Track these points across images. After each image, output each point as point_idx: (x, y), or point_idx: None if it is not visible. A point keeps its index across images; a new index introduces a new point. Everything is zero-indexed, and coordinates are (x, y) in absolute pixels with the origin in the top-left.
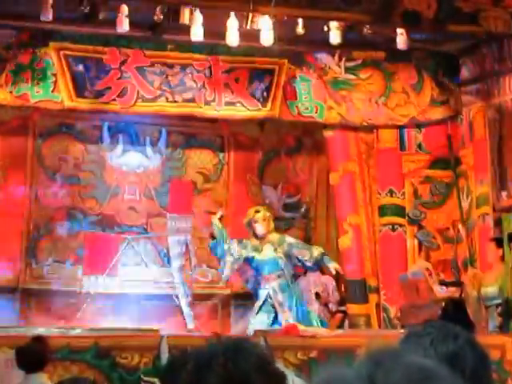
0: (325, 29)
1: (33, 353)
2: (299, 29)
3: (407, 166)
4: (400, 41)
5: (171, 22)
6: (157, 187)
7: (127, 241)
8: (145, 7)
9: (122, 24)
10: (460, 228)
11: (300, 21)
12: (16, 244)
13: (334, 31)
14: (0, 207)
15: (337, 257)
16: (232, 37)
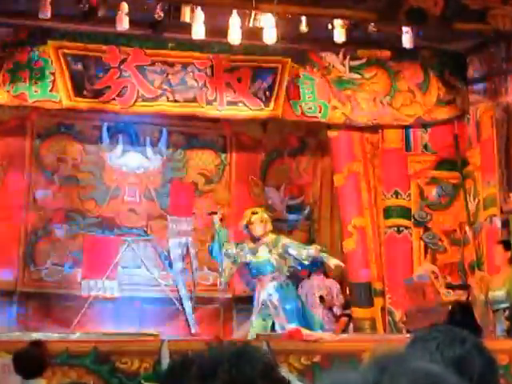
0: (329, 27)
1: (31, 358)
2: (303, 27)
3: (413, 167)
4: (406, 39)
5: (172, 20)
6: (157, 188)
7: (127, 243)
8: (145, 5)
9: (122, 22)
10: (467, 230)
11: (303, 18)
12: (14, 247)
13: (339, 29)
14: None
15: (341, 260)
16: (234, 35)
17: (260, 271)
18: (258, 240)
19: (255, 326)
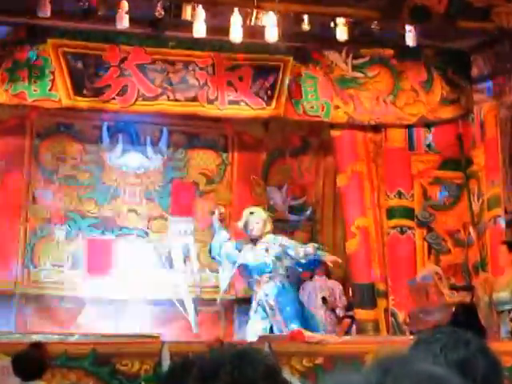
0: (331, 25)
1: (30, 360)
2: (305, 25)
3: (416, 167)
4: (409, 37)
5: (173, 18)
6: (158, 189)
7: (127, 244)
8: (145, 3)
9: (122, 20)
10: (471, 231)
11: (305, 17)
12: (13, 247)
13: (341, 27)
14: None
15: (344, 260)
16: (235, 33)
17: (257, 272)
18: (256, 240)
19: (252, 327)
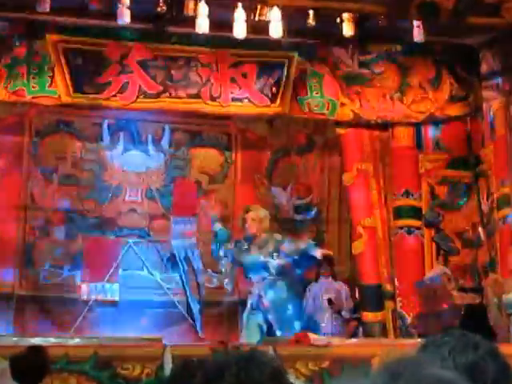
0: (337, 20)
1: (29, 364)
2: (310, 20)
3: (424, 166)
4: (417, 33)
5: (175, 14)
6: (159, 188)
7: (128, 245)
8: None
9: (123, 15)
10: (480, 231)
11: (311, 12)
12: (11, 248)
13: (347, 23)
14: None
15: (350, 261)
16: (239, 29)
17: (252, 271)
18: (253, 239)
19: (248, 329)
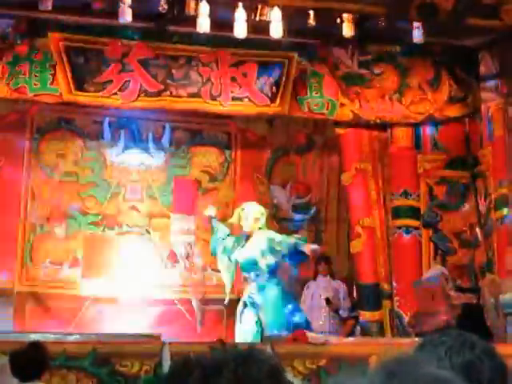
0: (337, 21)
1: (28, 360)
2: (310, 21)
3: (422, 166)
4: (416, 34)
5: (176, 13)
6: (160, 186)
7: (128, 242)
8: None
9: (125, 14)
10: (477, 231)
11: (311, 12)
12: (11, 245)
13: (347, 24)
14: None
15: (348, 260)
16: (240, 29)
17: (245, 269)
18: (248, 236)
19: (241, 327)
